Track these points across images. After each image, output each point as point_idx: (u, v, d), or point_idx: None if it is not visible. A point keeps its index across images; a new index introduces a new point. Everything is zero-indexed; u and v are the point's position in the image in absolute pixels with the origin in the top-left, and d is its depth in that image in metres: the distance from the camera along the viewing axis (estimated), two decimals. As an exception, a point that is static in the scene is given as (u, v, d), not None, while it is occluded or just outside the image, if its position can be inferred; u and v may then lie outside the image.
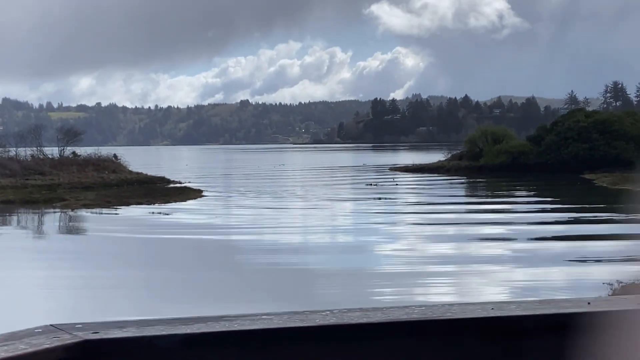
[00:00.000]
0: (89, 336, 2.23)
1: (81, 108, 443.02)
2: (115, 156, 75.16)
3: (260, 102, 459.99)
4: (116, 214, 43.70)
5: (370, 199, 51.80)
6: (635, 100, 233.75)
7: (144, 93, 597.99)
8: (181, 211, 44.30)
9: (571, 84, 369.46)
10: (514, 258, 25.73)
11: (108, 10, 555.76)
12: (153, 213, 42.94)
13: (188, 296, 20.67)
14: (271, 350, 2.32)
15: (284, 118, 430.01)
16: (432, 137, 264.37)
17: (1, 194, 52.17)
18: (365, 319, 2.43)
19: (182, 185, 65.09)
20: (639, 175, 65.57)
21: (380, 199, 51.74)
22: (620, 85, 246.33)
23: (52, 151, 73.00)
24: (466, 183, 71.19)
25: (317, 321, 2.40)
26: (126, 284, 22.45)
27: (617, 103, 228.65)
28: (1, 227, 40.03)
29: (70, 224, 41.62)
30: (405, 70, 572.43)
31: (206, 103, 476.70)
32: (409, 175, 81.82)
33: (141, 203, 48.63)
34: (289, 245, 30.28)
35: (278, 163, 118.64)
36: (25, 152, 70.05)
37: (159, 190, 59.06)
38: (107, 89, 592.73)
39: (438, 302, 2.60)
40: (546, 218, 38.62)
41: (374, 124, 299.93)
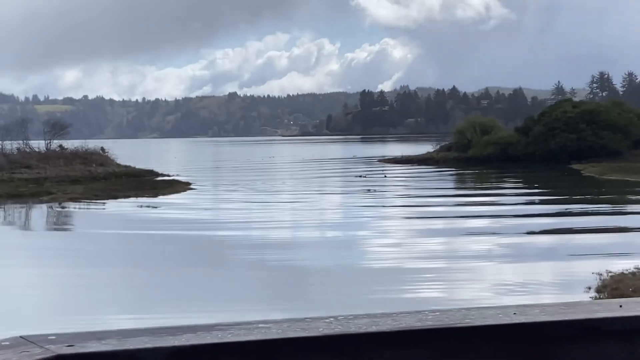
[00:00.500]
0: (63, 350, 1.98)
1: (68, 101, 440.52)
2: (102, 149, 74.70)
3: (248, 95, 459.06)
4: (103, 209, 43.44)
5: (359, 192, 51.81)
6: (621, 90, 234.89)
7: (131, 85, 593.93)
8: (169, 205, 44.09)
9: (558, 75, 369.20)
10: (502, 254, 25.72)
11: (94, 1, 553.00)
12: (141, 206, 42.72)
13: (173, 294, 20.47)
14: None
15: (273, 110, 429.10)
16: (421, 129, 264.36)
17: (-13, 189, 51.73)
18: (374, 327, 2.20)
19: (171, 178, 64.85)
20: (626, 165, 65.95)
21: (369, 191, 51.79)
22: (606, 75, 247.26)
23: (39, 144, 72.41)
24: (455, 174, 71.33)
25: (321, 330, 2.17)
26: (112, 282, 22.18)
27: (604, 93, 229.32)
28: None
29: (56, 219, 41.32)
30: (393, 61, 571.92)
31: (194, 95, 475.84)
32: (398, 166, 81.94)
33: (129, 196, 48.40)
34: (278, 240, 30.12)
35: (267, 155, 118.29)
36: (11, 146, 69.41)
37: (148, 183, 58.77)
38: (94, 82, 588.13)
39: (454, 307, 2.38)
40: (535, 210, 38.70)
41: (363, 116, 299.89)
